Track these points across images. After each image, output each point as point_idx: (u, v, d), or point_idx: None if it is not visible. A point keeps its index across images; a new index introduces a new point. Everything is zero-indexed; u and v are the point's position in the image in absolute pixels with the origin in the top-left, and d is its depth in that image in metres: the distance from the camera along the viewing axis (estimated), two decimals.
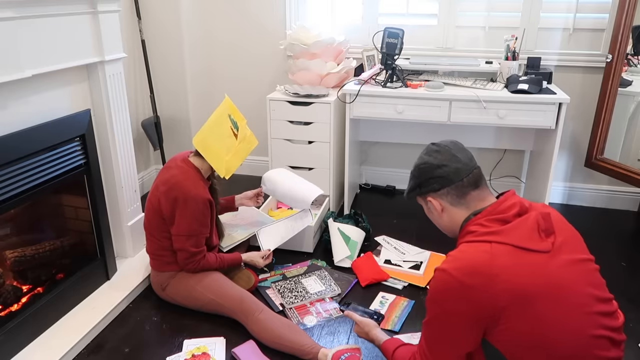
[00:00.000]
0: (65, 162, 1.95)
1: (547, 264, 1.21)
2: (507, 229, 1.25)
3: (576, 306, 1.20)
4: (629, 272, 2.39)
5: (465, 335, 1.25)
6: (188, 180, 1.98)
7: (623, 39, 2.50)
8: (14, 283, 1.92)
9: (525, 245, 1.22)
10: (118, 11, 2.11)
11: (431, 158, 1.39)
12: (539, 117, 2.47)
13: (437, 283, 1.27)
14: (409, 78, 2.76)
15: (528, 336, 1.18)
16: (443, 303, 1.25)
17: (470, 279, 1.20)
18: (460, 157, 1.37)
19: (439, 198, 1.39)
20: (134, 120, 3.01)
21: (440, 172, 1.36)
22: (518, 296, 1.17)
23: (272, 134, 2.82)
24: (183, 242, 1.98)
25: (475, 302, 1.20)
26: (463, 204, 1.36)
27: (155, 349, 1.90)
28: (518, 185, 3.16)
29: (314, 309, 2.11)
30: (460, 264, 1.23)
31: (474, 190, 1.35)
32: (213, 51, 3.36)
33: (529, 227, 1.25)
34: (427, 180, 1.39)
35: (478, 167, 1.39)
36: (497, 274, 1.18)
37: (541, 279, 1.19)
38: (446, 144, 1.41)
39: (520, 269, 1.19)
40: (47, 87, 1.89)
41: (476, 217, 1.32)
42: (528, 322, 1.18)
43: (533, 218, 1.27)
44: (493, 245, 1.23)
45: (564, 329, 1.18)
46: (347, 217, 2.66)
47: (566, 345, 1.18)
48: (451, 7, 2.91)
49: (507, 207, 1.30)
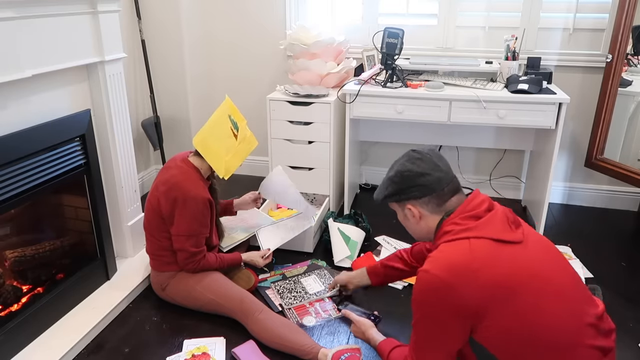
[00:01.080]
0: (65, 162, 1.95)
1: (523, 255, 1.25)
2: (481, 224, 1.29)
3: (559, 295, 1.22)
4: (629, 272, 2.39)
5: (453, 333, 1.27)
6: (188, 180, 1.98)
7: (623, 39, 2.50)
8: (14, 283, 1.92)
9: (501, 237, 1.26)
10: (118, 11, 2.11)
11: (414, 166, 1.40)
12: (539, 117, 2.47)
13: (420, 284, 1.29)
14: (409, 78, 2.76)
15: (514, 331, 1.20)
16: (428, 303, 1.28)
17: (452, 276, 1.22)
18: (441, 166, 1.40)
19: (418, 206, 1.41)
20: (134, 120, 3.01)
21: (423, 181, 1.38)
22: (500, 288, 1.20)
23: (272, 134, 2.82)
24: (183, 242, 1.98)
25: (460, 299, 1.22)
26: (441, 212, 1.39)
27: (155, 349, 1.90)
28: (518, 185, 3.16)
29: (313, 309, 2.11)
30: (442, 263, 1.25)
31: (453, 196, 1.39)
32: (213, 51, 3.36)
33: (500, 220, 1.30)
34: (409, 188, 1.40)
35: (455, 175, 1.42)
36: (478, 268, 1.21)
37: (521, 270, 1.22)
38: (427, 152, 1.43)
39: (500, 262, 1.23)
40: (47, 87, 1.89)
41: (449, 217, 1.36)
42: (512, 315, 1.20)
43: (501, 211, 1.32)
44: (471, 241, 1.26)
45: (550, 320, 1.19)
46: (347, 217, 2.66)
47: (554, 336, 1.19)
48: (451, 7, 2.91)
49: (477, 204, 1.34)
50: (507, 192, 3.20)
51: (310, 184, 2.85)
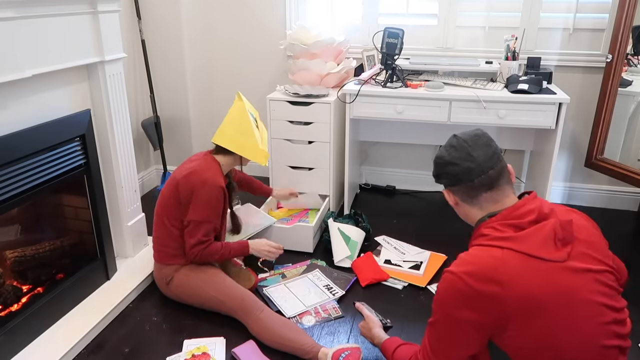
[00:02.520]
0: (65, 162, 1.95)
1: (558, 273, 1.18)
2: (521, 236, 1.21)
3: (587, 315, 1.17)
4: (629, 272, 2.39)
5: (471, 339, 1.24)
6: (208, 169, 2.05)
7: (623, 39, 2.50)
8: (14, 283, 1.92)
9: (538, 254, 1.18)
10: (118, 11, 2.11)
11: (446, 153, 1.36)
12: (539, 117, 2.47)
13: (445, 285, 1.25)
14: (409, 78, 2.76)
15: (537, 342, 1.17)
16: (450, 306, 1.24)
17: (479, 284, 1.18)
18: (475, 156, 1.31)
19: (451, 193, 1.38)
20: (134, 120, 3.01)
21: (451, 170, 1.34)
22: (527, 303, 1.15)
23: (272, 134, 2.82)
24: (193, 228, 2.00)
25: (483, 308, 1.18)
26: (475, 204, 1.33)
27: (155, 349, 1.90)
28: (518, 185, 3.16)
29: (312, 309, 2.11)
30: (470, 268, 1.20)
31: (487, 191, 1.31)
32: (213, 51, 3.36)
33: (545, 236, 1.21)
34: (440, 175, 1.38)
35: (498, 166, 1.31)
36: (507, 281, 1.16)
37: (551, 287, 1.16)
38: (466, 139, 1.34)
39: (530, 277, 1.16)
40: (47, 87, 1.89)
41: (490, 219, 1.29)
42: (537, 329, 1.16)
43: (550, 226, 1.22)
44: (505, 252, 1.20)
45: (574, 338, 1.16)
46: (347, 217, 2.66)
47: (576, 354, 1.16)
48: (451, 7, 2.91)
49: (524, 213, 1.25)
50: None
51: (310, 184, 2.85)
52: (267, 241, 2.20)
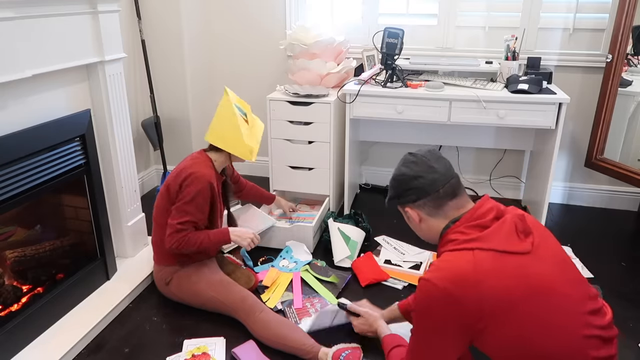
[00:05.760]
0: (65, 162, 1.95)
1: (529, 266, 1.22)
2: (486, 235, 1.26)
3: (563, 307, 1.20)
4: (629, 272, 2.39)
5: (452, 343, 1.26)
6: (198, 164, 2.05)
7: (623, 39, 2.50)
8: (14, 283, 1.92)
9: (506, 249, 1.23)
10: (118, 11, 2.11)
11: (407, 169, 1.39)
12: (538, 117, 2.47)
13: (421, 293, 1.27)
14: (409, 78, 2.76)
15: (516, 340, 1.19)
16: (429, 313, 1.26)
17: (454, 287, 1.20)
18: (436, 168, 1.37)
19: (416, 209, 1.40)
20: (134, 120, 3.01)
21: (416, 184, 1.36)
22: (503, 301, 1.18)
23: (272, 134, 2.82)
24: (174, 216, 1.98)
25: (461, 310, 1.20)
26: (440, 214, 1.37)
27: (155, 349, 1.90)
28: (518, 185, 3.16)
29: (312, 310, 2.11)
30: (444, 274, 1.23)
31: (451, 200, 1.36)
32: (213, 51, 3.36)
33: (508, 230, 1.26)
34: (405, 192, 1.39)
35: (456, 175, 1.39)
36: (481, 281, 1.19)
37: (525, 281, 1.20)
38: (423, 154, 1.40)
39: (504, 274, 1.20)
40: (47, 87, 1.89)
41: (455, 225, 1.33)
42: (515, 326, 1.18)
43: (510, 220, 1.28)
44: (475, 253, 1.23)
45: (553, 331, 1.18)
46: (347, 217, 2.66)
47: (556, 348, 1.18)
48: (451, 7, 2.91)
49: (485, 212, 1.31)
50: (507, 192, 3.20)
51: (310, 184, 2.85)
52: (252, 231, 2.18)
